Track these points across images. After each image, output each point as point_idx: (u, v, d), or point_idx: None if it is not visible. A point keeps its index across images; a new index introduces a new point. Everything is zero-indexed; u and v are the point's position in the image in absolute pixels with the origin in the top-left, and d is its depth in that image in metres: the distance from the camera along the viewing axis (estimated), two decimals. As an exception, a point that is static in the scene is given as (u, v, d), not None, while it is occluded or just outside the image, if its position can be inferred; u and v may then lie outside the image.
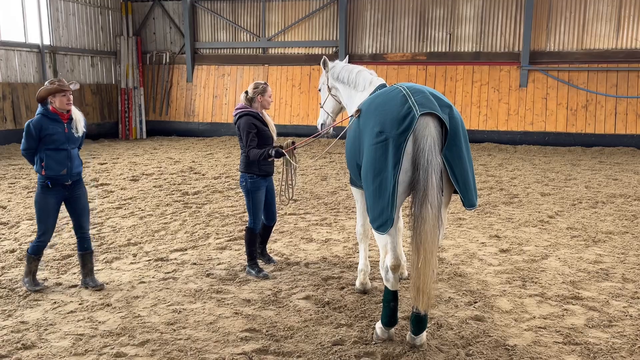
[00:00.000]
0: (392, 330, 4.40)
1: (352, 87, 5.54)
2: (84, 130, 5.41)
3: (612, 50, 16.38)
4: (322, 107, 6.08)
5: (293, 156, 5.75)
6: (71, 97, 5.22)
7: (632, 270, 5.95)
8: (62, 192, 5.28)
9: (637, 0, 16.01)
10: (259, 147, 5.61)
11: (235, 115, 5.76)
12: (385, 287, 4.36)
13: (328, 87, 5.91)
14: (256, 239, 5.92)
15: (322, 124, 6.09)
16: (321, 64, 5.92)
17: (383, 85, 5.26)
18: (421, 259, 3.86)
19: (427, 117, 3.94)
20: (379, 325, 4.42)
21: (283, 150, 5.53)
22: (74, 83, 5.24)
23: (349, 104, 5.64)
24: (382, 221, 4.00)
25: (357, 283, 5.44)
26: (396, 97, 4.12)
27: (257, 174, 5.67)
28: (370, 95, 5.03)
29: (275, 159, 5.65)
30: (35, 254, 5.37)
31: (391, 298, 4.33)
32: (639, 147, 15.77)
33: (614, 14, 16.29)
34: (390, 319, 4.34)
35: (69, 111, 5.25)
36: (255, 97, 5.67)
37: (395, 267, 4.27)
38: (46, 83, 5.18)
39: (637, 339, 4.37)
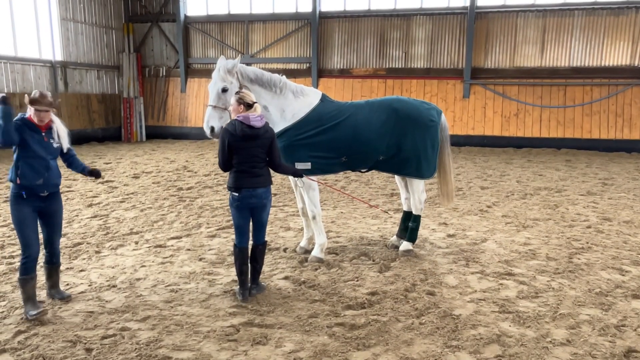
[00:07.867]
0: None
1: (279, 92, 5.22)
2: (60, 143, 4.33)
3: (538, 68, 16.72)
4: (227, 110, 4.81)
5: None
6: (44, 115, 4.14)
7: (554, 251, 6.10)
8: (37, 202, 4.21)
9: (557, 27, 16.40)
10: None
11: (265, 123, 4.41)
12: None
13: (240, 87, 4.98)
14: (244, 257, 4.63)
15: (220, 128, 4.78)
16: (230, 66, 4.88)
17: (325, 96, 5.53)
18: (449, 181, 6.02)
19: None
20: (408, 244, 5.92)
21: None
22: (56, 101, 4.23)
23: (273, 108, 5.24)
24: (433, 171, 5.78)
25: (319, 252, 5.61)
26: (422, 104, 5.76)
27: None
28: (324, 102, 5.44)
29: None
30: (26, 274, 4.21)
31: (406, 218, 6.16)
32: (559, 148, 16.17)
33: (539, 38, 16.62)
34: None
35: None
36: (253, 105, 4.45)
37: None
38: (34, 92, 4.18)
39: (558, 307, 4.48)
